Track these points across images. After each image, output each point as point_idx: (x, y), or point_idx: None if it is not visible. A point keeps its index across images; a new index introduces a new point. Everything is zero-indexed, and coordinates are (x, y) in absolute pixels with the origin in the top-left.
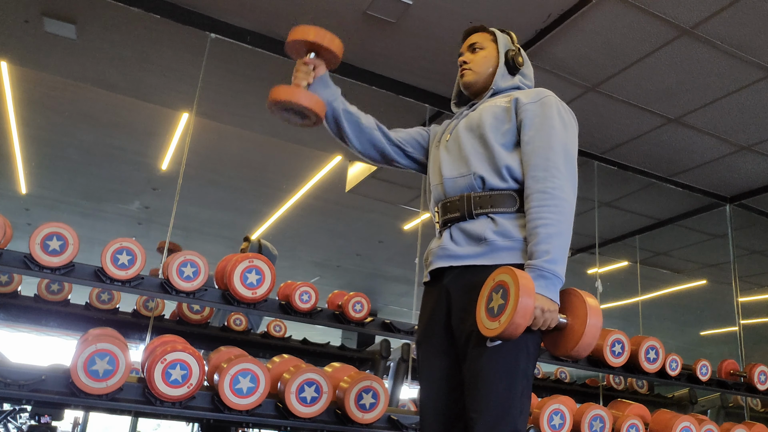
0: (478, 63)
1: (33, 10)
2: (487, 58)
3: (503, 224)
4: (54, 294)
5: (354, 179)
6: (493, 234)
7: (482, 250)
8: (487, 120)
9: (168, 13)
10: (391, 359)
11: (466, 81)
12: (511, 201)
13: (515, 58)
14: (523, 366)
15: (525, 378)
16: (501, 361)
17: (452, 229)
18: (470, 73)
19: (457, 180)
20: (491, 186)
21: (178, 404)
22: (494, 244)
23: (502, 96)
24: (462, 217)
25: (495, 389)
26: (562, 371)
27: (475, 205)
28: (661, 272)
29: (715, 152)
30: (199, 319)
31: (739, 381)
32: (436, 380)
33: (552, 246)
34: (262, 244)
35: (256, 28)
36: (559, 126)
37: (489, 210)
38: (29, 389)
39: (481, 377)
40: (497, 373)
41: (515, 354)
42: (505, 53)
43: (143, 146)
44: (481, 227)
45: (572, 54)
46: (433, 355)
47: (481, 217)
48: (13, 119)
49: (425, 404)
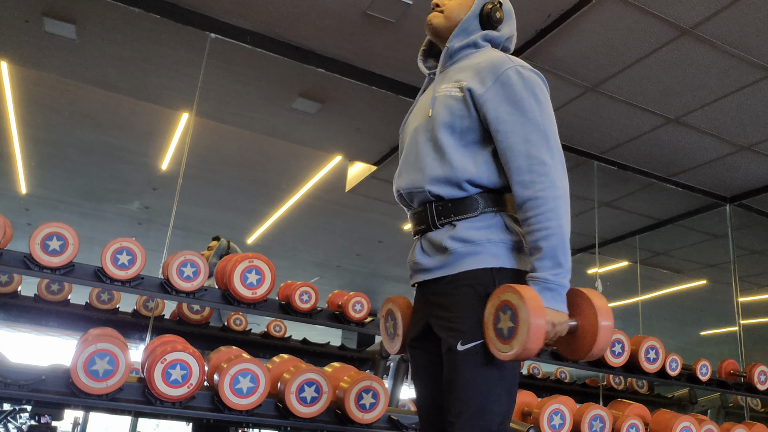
0: (450, 8)
1: (33, 10)
2: (461, 6)
3: (462, 229)
4: (54, 294)
5: (354, 179)
6: (452, 241)
7: (446, 259)
8: (442, 118)
9: (168, 13)
10: (391, 359)
11: (433, 26)
12: (474, 205)
13: (492, 12)
14: (497, 368)
15: (501, 380)
16: (472, 367)
17: (422, 239)
18: (440, 17)
19: (413, 193)
20: (450, 195)
21: (178, 404)
22: (456, 252)
23: (459, 70)
24: (428, 228)
25: (468, 395)
26: (562, 371)
27: (438, 215)
28: (661, 272)
29: (715, 152)
30: (199, 319)
31: (739, 381)
32: (429, 382)
33: (556, 258)
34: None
35: (256, 28)
36: (530, 105)
37: (452, 218)
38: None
39: (453, 384)
40: (469, 378)
41: (487, 357)
42: (483, 5)
43: (143, 146)
44: (441, 236)
45: (572, 54)
46: (423, 358)
47: (446, 226)
48: (13, 119)
49: (421, 406)
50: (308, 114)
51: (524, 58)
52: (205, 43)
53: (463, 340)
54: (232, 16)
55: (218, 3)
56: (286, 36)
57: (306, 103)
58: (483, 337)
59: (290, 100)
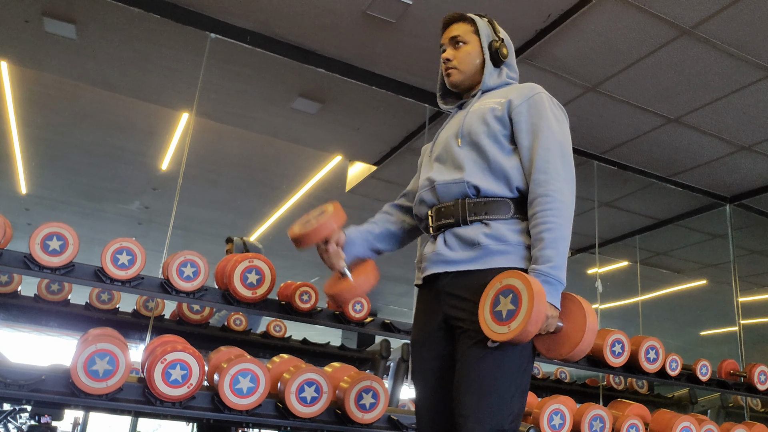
0: (462, 60)
1: (33, 10)
2: (471, 54)
3: (497, 228)
4: (54, 294)
5: (354, 179)
6: (486, 238)
7: (476, 254)
8: (479, 126)
9: (168, 13)
10: (391, 359)
11: (452, 81)
12: (506, 208)
13: (500, 50)
14: (516, 368)
15: (518, 380)
16: (494, 364)
17: (446, 234)
18: (456, 73)
19: (450, 185)
20: (486, 193)
21: (178, 404)
22: (487, 248)
23: (492, 96)
24: (456, 223)
25: (486, 391)
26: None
27: (470, 211)
28: (661, 272)
29: (715, 152)
30: (199, 319)
31: (739, 381)
32: (431, 382)
33: (556, 251)
34: (246, 242)
35: (256, 28)
36: (555, 125)
37: (483, 217)
38: (29, 389)
39: (471, 379)
40: (489, 375)
41: (509, 356)
42: (489, 46)
43: (143, 146)
44: (474, 232)
45: (572, 54)
46: (428, 358)
47: (475, 223)
48: (13, 119)
49: (421, 406)
50: (308, 114)
51: (524, 58)
52: (205, 43)
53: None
54: (232, 16)
55: (218, 3)
56: (286, 36)
57: (306, 103)
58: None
59: (290, 100)
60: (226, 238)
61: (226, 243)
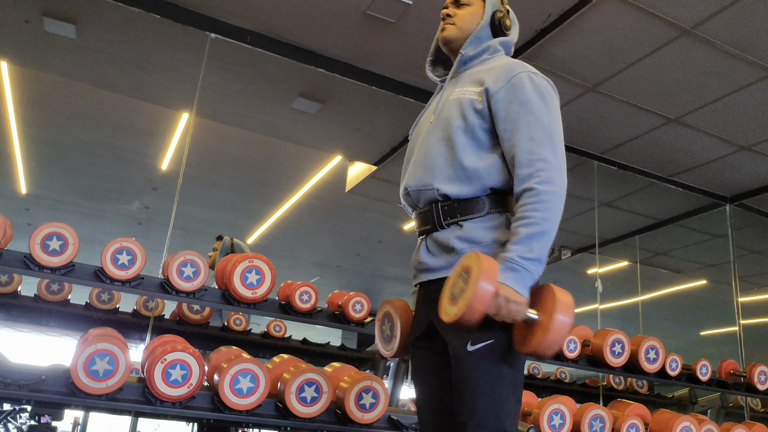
0: (462, 18)
1: (33, 10)
2: (473, 15)
3: (469, 229)
4: (54, 294)
5: (354, 179)
6: (458, 241)
7: (452, 259)
8: (456, 119)
9: (168, 13)
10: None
11: (446, 36)
12: (481, 205)
13: (503, 20)
14: (505, 369)
15: (511, 380)
16: (482, 367)
17: (427, 240)
18: (452, 28)
19: (421, 191)
20: (457, 196)
21: (178, 404)
22: (462, 252)
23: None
24: (433, 228)
25: (480, 395)
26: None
27: (444, 215)
28: (661, 272)
29: (715, 152)
30: (199, 319)
31: (739, 381)
32: (431, 382)
33: (530, 242)
34: (234, 243)
35: (256, 28)
36: (538, 107)
37: (458, 218)
38: (29, 389)
39: (465, 383)
40: (481, 378)
41: (496, 358)
42: (492, 14)
43: (143, 146)
44: (448, 236)
45: (572, 54)
46: (425, 357)
47: (451, 226)
48: (13, 119)
49: (422, 406)
50: (308, 114)
51: (524, 58)
52: (205, 43)
53: (473, 341)
54: (232, 16)
55: (218, 3)
56: (286, 36)
57: (306, 103)
58: (492, 337)
59: (290, 100)
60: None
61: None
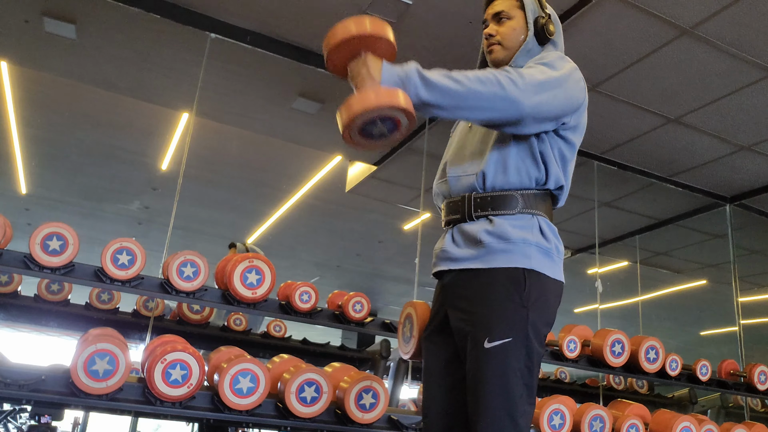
0: (506, 36)
1: (33, 10)
2: (516, 30)
3: (500, 225)
4: (54, 294)
5: (354, 179)
6: (488, 235)
7: (478, 252)
8: None
9: (168, 13)
10: (391, 359)
11: (494, 58)
12: (514, 202)
13: (546, 26)
14: (521, 368)
15: (524, 380)
16: (500, 364)
17: (454, 230)
18: (499, 50)
19: (460, 178)
20: (493, 186)
21: (178, 404)
22: (489, 246)
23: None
24: (462, 218)
25: (493, 393)
26: (562, 371)
27: (475, 207)
28: (661, 272)
29: (715, 152)
30: (199, 319)
31: (739, 381)
32: (437, 377)
33: (437, 76)
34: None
35: (256, 28)
36: (559, 64)
37: (489, 212)
38: (29, 389)
39: (478, 381)
40: (494, 376)
41: (512, 358)
42: (534, 22)
43: (143, 146)
44: (477, 229)
45: (572, 54)
46: (435, 353)
47: (481, 219)
48: (13, 119)
49: (429, 404)
50: (308, 114)
51: None
52: (205, 43)
53: (490, 338)
54: (232, 16)
55: (218, 3)
56: (286, 36)
57: (306, 103)
58: (510, 336)
59: (290, 100)
60: (229, 244)
61: (229, 249)
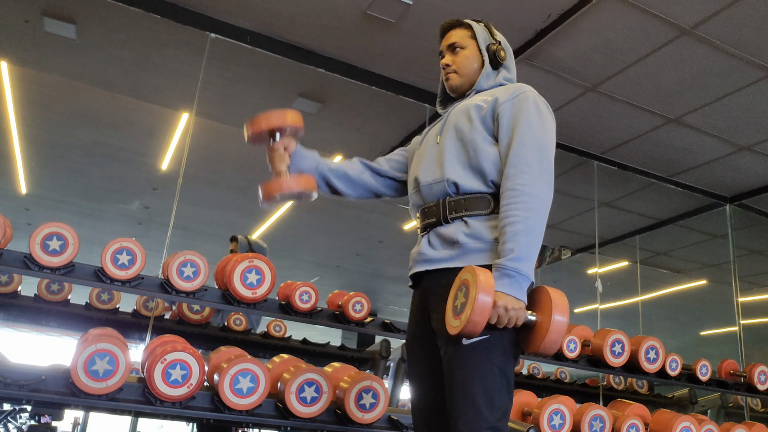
0: (461, 65)
1: (33, 10)
2: (469, 58)
3: (475, 226)
4: (54, 294)
5: None
6: (465, 237)
7: (455, 253)
8: (463, 121)
9: (168, 13)
10: (391, 359)
11: (451, 85)
12: (485, 203)
13: (497, 52)
14: (498, 364)
15: (502, 376)
16: (475, 361)
17: (430, 234)
18: (455, 77)
19: (432, 186)
20: (465, 190)
21: (178, 404)
22: (466, 246)
23: (482, 95)
24: (438, 222)
25: (471, 389)
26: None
27: (450, 209)
28: (661, 272)
29: (715, 152)
30: (199, 319)
31: (739, 381)
32: (422, 380)
33: (517, 244)
34: (251, 241)
35: (256, 28)
36: (536, 121)
37: (463, 213)
38: (29, 389)
39: (456, 378)
40: (472, 373)
41: (489, 352)
42: (486, 49)
43: (143, 146)
44: (454, 231)
45: (572, 54)
46: (418, 356)
47: (456, 221)
48: (13, 119)
49: (416, 405)
50: (308, 114)
51: (524, 58)
52: (205, 43)
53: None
54: (232, 16)
55: (218, 3)
56: (286, 36)
57: (306, 103)
58: (487, 333)
59: (290, 100)
60: (231, 237)
61: (230, 242)
